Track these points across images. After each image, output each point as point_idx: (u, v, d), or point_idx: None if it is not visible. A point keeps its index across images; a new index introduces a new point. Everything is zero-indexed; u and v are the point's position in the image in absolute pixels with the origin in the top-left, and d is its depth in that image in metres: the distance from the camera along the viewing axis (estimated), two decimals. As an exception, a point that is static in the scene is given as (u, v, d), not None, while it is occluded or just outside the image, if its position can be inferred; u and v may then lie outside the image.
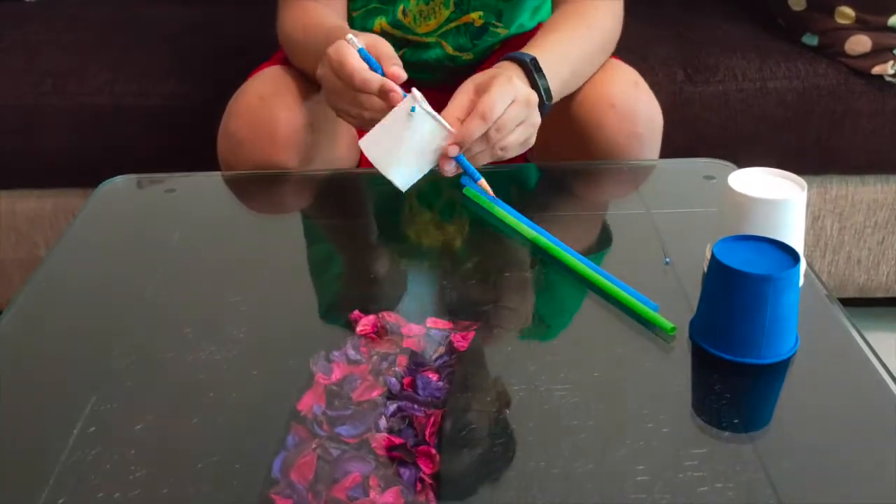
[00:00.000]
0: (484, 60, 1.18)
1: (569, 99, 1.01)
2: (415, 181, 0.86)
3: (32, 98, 1.34)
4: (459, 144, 0.83)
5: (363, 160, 1.13)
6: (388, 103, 0.85)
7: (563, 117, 1.01)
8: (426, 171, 0.86)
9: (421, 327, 0.73)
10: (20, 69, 1.38)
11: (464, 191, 0.93)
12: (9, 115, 1.34)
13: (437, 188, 0.98)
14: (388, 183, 0.84)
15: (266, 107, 0.99)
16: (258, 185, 1.00)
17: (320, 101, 1.07)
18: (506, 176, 0.99)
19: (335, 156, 1.07)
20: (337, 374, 0.67)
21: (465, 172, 0.86)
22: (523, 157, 0.99)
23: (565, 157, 1.04)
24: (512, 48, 1.16)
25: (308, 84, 1.03)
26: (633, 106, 1.01)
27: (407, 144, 0.83)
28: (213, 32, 1.55)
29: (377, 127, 0.85)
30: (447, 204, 0.95)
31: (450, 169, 0.85)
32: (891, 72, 1.35)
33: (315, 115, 1.03)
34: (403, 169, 0.85)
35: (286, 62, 1.08)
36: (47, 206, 1.43)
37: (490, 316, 0.75)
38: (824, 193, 1.46)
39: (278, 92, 1.01)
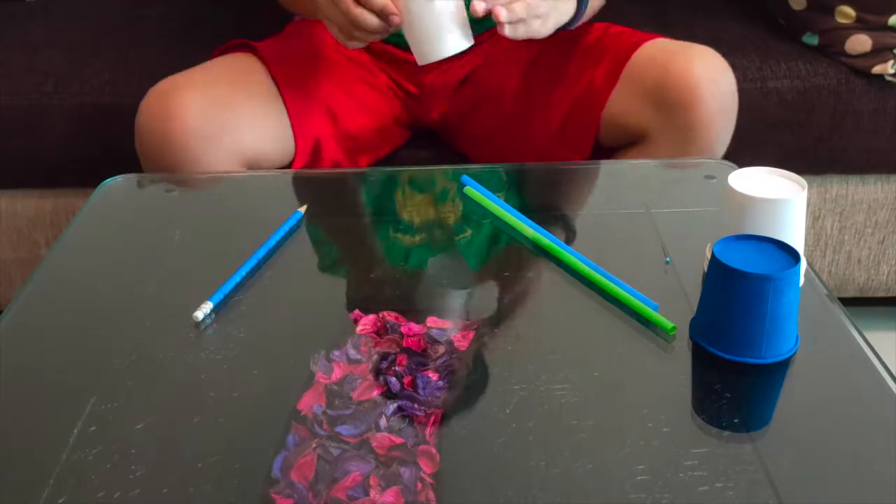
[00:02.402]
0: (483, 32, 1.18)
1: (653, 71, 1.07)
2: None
3: (33, 98, 1.34)
4: None
5: (298, 161, 1.12)
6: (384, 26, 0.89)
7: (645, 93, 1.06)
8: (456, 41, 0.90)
9: (421, 327, 0.73)
10: (21, 69, 1.38)
11: (464, 190, 0.93)
12: (9, 115, 1.34)
13: (438, 186, 0.98)
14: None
15: (168, 93, 1.04)
16: (258, 185, 1.00)
17: (232, 83, 1.09)
18: (506, 175, 0.99)
19: (254, 141, 1.09)
20: (337, 374, 0.68)
21: None
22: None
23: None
24: None
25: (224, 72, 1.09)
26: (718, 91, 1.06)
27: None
28: (213, 32, 1.55)
29: None
30: (448, 203, 0.95)
31: (479, 8, 0.89)
32: (891, 71, 1.35)
33: (225, 96, 1.06)
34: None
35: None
36: (47, 206, 1.43)
37: (490, 316, 0.75)
38: (824, 193, 1.46)
39: (183, 81, 1.06)
